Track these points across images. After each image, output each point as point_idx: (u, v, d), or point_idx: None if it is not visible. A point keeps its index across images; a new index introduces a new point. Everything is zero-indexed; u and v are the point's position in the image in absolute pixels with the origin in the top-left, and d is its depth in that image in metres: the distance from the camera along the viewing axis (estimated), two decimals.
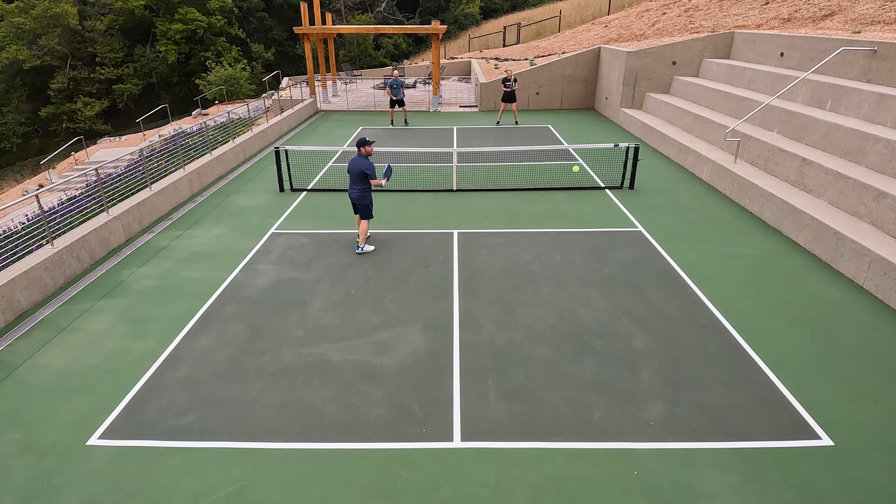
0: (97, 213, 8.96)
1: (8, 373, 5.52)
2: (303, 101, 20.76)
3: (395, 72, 17.78)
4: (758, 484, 4.05)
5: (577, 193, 10.80)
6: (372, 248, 8.32)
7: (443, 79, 28.03)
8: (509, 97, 17.31)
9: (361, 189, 7.99)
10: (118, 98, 37.49)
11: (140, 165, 12.51)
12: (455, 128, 17.74)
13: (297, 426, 4.71)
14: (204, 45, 38.87)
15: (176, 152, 12.57)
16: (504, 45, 33.90)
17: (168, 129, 20.86)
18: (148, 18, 38.04)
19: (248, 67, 35.19)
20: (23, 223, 10.74)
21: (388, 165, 8.30)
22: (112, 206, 9.21)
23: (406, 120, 18.42)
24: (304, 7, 22.42)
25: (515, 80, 17.31)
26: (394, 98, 17.53)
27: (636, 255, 7.98)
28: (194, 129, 17.77)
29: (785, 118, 10.51)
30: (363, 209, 8.13)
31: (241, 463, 4.32)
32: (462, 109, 21.40)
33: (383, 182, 8.11)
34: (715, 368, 5.39)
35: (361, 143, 7.95)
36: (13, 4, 34.87)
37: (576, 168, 10.26)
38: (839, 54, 10.59)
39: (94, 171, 10.20)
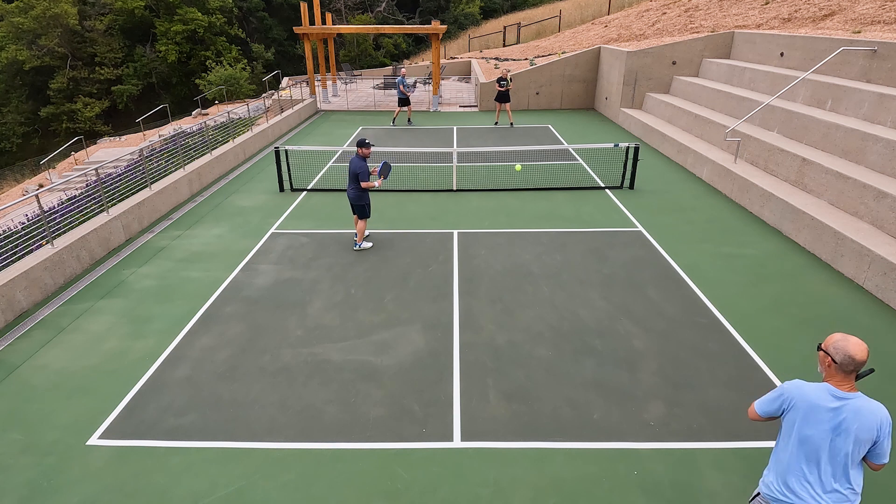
0: (97, 213, 8.96)
1: (8, 373, 5.52)
2: (303, 100, 20.76)
3: (403, 70, 17.82)
4: (758, 484, 4.05)
5: (577, 193, 10.80)
6: (370, 244, 8.35)
7: (443, 79, 28.03)
8: (503, 97, 17.27)
9: (356, 189, 8.01)
10: (118, 98, 37.48)
11: (140, 165, 12.51)
12: (455, 128, 17.74)
13: (297, 426, 4.71)
14: (204, 45, 38.86)
15: (176, 152, 12.57)
16: (504, 45, 33.90)
17: (168, 129, 20.86)
18: (148, 18, 38.02)
19: (248, 67, 35.24)
20: (23, 223, 10.74)
21: (385, 162, 8.21)
22: (112, 206, 9.21)
23: (409, 119, 18.45)
24: (304, 7, 22.42)
25: (511, 81, 17.23)
26: (406, 95, 17.57)
27: (636, 255, 7.97)
28: (194, 129, 17.78)
29: (785, 118, 10.51)
30: (359, 209, 8.14)
31: (240, 463, 4.32)
32: (462, 109, 21.41)
33: (377, 183, 8.05)
34: (715, 368, 5.39)
35: (360, 143, 7.94)
36: (13, 4, 34.86)
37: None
38: (839, 54, 10.59)
39: (94, 171, 10.20)
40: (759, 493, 2.96)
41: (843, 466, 2.62)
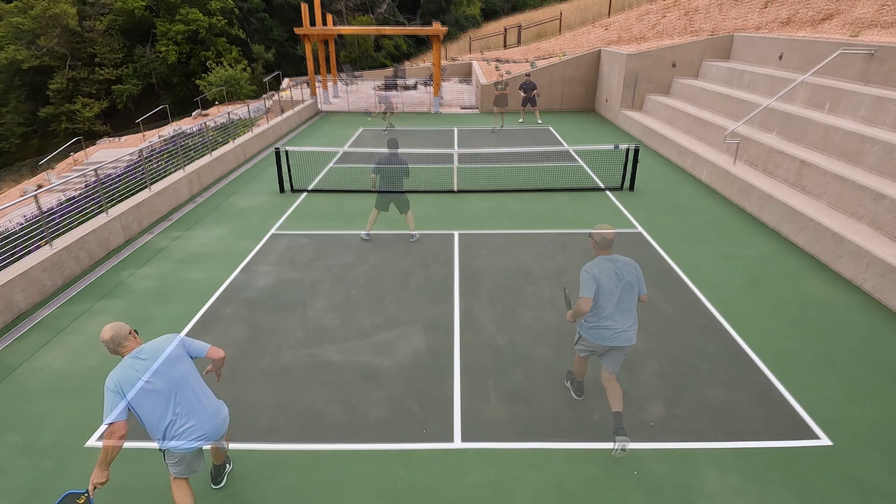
0: (96, 214, 8.95)
1: (6, 374, 5.51)
2: (303, 101, 20.77)
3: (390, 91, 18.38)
4: (757, 484, 4.05)
5: (577, 195, 10.81)
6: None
7: (443, 80, 28.05)
8: (500, 101, 17.28)
9: (401, 185, 8.38)
10: (118, 98, 37.45)
11: (139, 166, 12.51)
12: (456, 129, 17.76)
13: (297, 427, 4.70)
14: (204, 46, 38.85)
15: (175, 153, 12.57)
16: (505, 47, 33.93)
17: (168, 130, 20.86)
18: (148, 19, 38.01)
19: (248, 68, 35.25)
20: (21, 224, 10.73)
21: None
22: (111, 206, 9.20)
23: (390, 123, 18.53)
24: (304, 8, 22.45)
25: (507, 85, 17.28)
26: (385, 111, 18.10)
27: (636, 255, 7.96)
28: (194, 129, 17.77)
29: (784, 120, 10.53)
30: (406, 203, 8.46)
31: (241, 463, 4.32)
32: (463, 111, 21.43)
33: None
34: (715, 368, 5.39)
35: (396, 143, 8.29)
36: (12, 4, 34.83)
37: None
38: (838, 56, 10.62)
39: (93, 172, 10.21)
40: (581, 337, 4.56)
41: (632, 302, 4.29)
